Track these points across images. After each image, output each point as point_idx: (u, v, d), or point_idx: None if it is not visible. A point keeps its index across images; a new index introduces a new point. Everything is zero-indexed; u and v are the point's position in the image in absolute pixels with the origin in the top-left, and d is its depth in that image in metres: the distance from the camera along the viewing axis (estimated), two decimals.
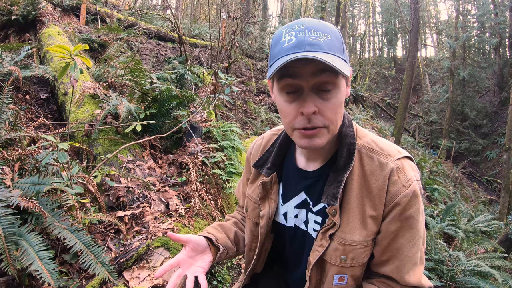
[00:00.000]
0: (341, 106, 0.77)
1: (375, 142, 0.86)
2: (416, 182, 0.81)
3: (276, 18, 18.73)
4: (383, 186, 0.79)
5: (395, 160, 0.81)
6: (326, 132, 0.77)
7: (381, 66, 25.06)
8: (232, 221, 1.17)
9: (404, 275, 0.82)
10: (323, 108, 0.74)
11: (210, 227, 1.08)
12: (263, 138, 1.08)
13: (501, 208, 6.59)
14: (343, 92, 0.76)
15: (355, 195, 0.82)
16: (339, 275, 0.85)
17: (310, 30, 0.72)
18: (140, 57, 5.60)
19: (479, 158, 14.61)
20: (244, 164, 1.14)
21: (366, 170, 0.82)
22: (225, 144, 2.90)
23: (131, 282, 1.63)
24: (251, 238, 1.03)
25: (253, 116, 6.29)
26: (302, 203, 0.93)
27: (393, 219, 0.80)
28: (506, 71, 16.52)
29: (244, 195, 1.10)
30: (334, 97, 0.74)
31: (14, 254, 1.40)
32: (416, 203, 0.79)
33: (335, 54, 0.71)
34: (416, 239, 0.82)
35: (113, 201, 2.19)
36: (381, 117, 15.11)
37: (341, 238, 0.82)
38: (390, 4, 25.13)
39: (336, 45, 0.73)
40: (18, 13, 4.50)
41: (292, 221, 0.96)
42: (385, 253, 0.83)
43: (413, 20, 8.39)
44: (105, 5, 7.48)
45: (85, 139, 2.65)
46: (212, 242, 1.00)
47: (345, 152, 0.83)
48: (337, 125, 0.79)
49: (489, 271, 2.58)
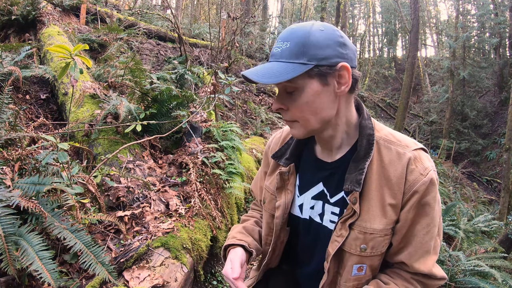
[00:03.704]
0: (311, 104, 0.80)
1: (392, 134, 0.90)
2: (433, 171, 0.83)
3: (276, 18, 18.72)
4: (402, 175, 0.82)
5: (412, 150, 0.84)
6: (299, 125, 0.85)
7: (381, 66, 25.06)
8: (253, 220, 1.18)
9: (415, 261, 0.84)
10: (289, 106, 0.84)
11: (235, 233, 1.09)
12: (283, 131, 1.11)
13: (501, 208, 6.59)
14: (310, 93, 0.80)
15: (374, 184, 0.84)
16: (358, 265, 0.86)
17: (280, 40, 0.81)
18: (140, 57, 5.60)
19: (479, 158, 14.60)
20: (262, 159, 1.17)
21: (384, 160, 0.85)
22: (225, 144, 2.90)
23: (131, 282, 1.63)
24: (267, 231, 1.04)
25: (253, 116, 6.29)
26: (319, 194, 0.94)
27: (412, 207, 0.82)
28: (506, 71, 16.51)
29: (261, 189, 1.12)
30: (298, 97, 0.81)
31: (14, 254, 1.40)
32: (433, 190, 0.82)
33: (289, 60, 0.77)
34: (430, 227, 0.83)
35: (113, 201, 2.19)
36: (381, 117, 15.12)
37: (361, 226, 0.84)
38: (390, 4, 25.12)
39: (293, 51, 0.78)
40: (18, 13, 4.50)
41: (308, 213, 0.97)
42: (402, 241, 0.86)
43: (413, 20, 8.39)
44: (105, 5, 7.48)
45: (85, 139, 2.65)
46: (245, 248, 1.01)
47: (364, 142, 0.86)
48: (309, 121, 0.83)
49: (489, 271, 2.57)
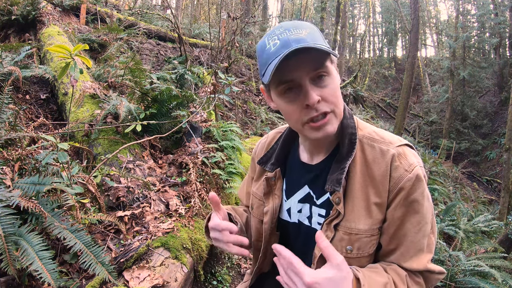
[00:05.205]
0: (339, 90, 0.82)
1: (375, 132, 0.88)
2: (419, 167, 0.81)
3: (276, 18, 18.73)
4: (386, 173, 0.80)
5: (396, 147, 0.83)
6: (334, 116, 0.81)
7: (381, 66, 25.08)
8: (243, 208, 1.18)
9: (407, 260, 0.81)
10: (324, 95, 0.78)
11: (224, 207, 1.09)
12: (268, 136, 1.10)
13: (501, 208, 6.58)
14: (336, 77, 0.81)
15: (358, 184, 0.82)
16: None
17: (290, 30, 0.76)
18: (140, 57, 5.60)
19: (479, 158, 14.60)
20: (250, 164, 1.16)
21: (368, 158, 0.83)
22: (225, 144, 2.90)
23: (131, 282, 1.63)
24: (256, 236, 1.04)
25: (253, 116, 6.29)
26: (306, 197, 0.93)
27: (398, 205, 0.80)
28: (506, 71, 16.51)
29: (248, 195, 1.11)
30: (330, 83, 0.79)
31: (14, 254, 1.40)
32: (420, 187, 0.79)
33: (319, 43, 0.75)
34: (421, 225, 0.81)
35: (113, 201, 2.19)
36: (381, 117, 15.11)
37: (346, 227, 0.82)
38: (390, 4, 25.13)
39: (317, 36, 0.77)
40: (18, 13, 4.50)
41: (296, 217, 0.96)
42: (392, 241, 0.83)
43: (413, 20, 8.39)
44: (105, 5, 7.48)
45: (85, 139, 2.65)
46: (231, 218, 1.01)
47: (346, 142, 0.85)
48: (340, 108, 0.82)
49: (489, 271, 2.57)
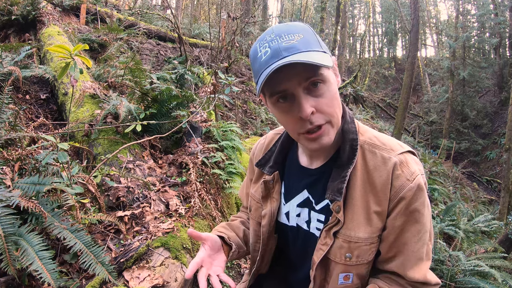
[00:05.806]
0: (336, 98, 0.77)
1: (377, 137, 0.86)
2: (421, 175, 0.79)
3: (276, 18, 18.73)
4: (387, 181, 0.78)
5: (398, 154, 0.81)
6: (330, 127, 0.77)
7: (381, 66, 25.09)
8: (239, 220, 1.17)
9: (409, 270, 0.81)
10: (319, 105, 0.74)
11: (219, 227, 1.07)
12: (266, 138, 1.08)
13: (501, 208, 6.59)
14: (333, 83, 0.76)
15: (359, 191, 0.81)
16: (344, 274, 0.84)
17: (281, 36, 0.72)
18: (140, 57, 5.60)
19: (479, 158, 14.60)
20: (248, 165, 1.15)
21: (369, 165, 0.81)
22: (225, 144, 2.90)
23: (131, 282, 1.63)
24: (255, 238, 1.03)
25: (253, 116, 6.29)
26: (304, 202, 0.92)
27: (399, 214, 0.79)
28: (506, 71, 16.52)
29: (248, 196, 1.10)
30: (326, 91, 0.74)
31: (14, 254, 1.40)
32: (421, 196, 0.78)
33: (312, 49, 0.72)
34: (421, 234, 0.80)
35: (113, 201, 2.19)
36: (381, 117, 15.12)
37: (345, 235, 0.81)
38: (390, 4, 25.14)
39: (310, 41, 0.73)
40: (18, 13, 4.50)
41: (294, 221, 0.95)
42: (391, 249, 0.82)
43: (413, 20, 8.39)
44: (105, 5, 7.48)
45: (85, 139, 2.65)
46: (225, 241, 0.99)
47: (347, 148, 0.83)
48: (338, 117, 0.78)
49: (489, 271, 2.57)
